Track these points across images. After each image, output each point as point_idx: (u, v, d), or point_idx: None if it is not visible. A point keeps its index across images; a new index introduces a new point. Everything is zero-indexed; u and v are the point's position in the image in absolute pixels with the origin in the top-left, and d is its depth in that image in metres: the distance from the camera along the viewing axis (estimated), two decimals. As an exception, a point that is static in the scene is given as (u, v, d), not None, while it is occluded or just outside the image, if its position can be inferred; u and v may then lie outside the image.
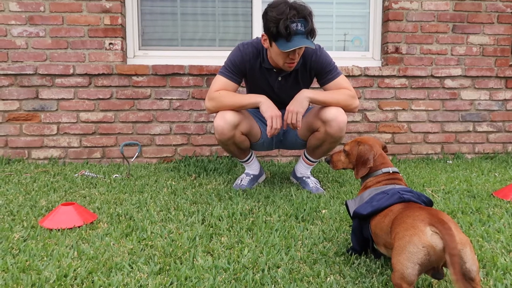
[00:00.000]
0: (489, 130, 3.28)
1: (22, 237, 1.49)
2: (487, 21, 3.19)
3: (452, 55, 3.20)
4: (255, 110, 2.18)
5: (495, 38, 3.22)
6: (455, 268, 0.86)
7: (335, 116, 2.01)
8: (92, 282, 1.15)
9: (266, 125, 2.01)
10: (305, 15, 1.82)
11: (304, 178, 2.29)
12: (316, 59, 2.06)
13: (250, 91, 2.21)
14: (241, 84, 2.17)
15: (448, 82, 3.20)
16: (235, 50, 2.09)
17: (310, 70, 2.09)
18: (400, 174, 1.38)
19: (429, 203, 1.22)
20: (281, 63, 1.96)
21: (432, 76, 3.18)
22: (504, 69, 3.22)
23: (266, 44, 1.96)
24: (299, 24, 1.81)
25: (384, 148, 1.47)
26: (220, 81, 2.08)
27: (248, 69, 2.08)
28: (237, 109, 2.04)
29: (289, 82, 2.12)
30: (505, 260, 1.31)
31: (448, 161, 3.11)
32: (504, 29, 3.21)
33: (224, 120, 2.01)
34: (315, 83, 2.26)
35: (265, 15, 1.89)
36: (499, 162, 3.04)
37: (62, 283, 1.14)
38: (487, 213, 1.79)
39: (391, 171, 1.34)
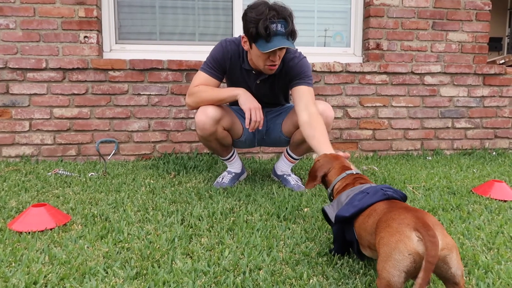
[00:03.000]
0: (467, 127, 3.33)
1: (-11, 241, 1.41)
2: (465, 18, 3.23)
3: (432, 52, 3.22)
4: (238, 108, 2.13)
5: (474, 36, 3.26)
6: (425, 276, 0.84)
7: (323, 110, 2.00)
8: (64, 289, 1.09)
9: None
10: (285, 16, 1.78)
11: (285, 176, 2.26)
12: (294, 65, 2.00)
13: None
14: (222, 81, 2.11)
15: (428, 79, 3.22)
16: (217, 46, 2.03)
17: (286, 75, 2.04)
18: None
19: (404, 198, 1.22)
20: (261, 66, 1.91)
21: (412, 72, 3.19)
22: (482, 66, 3.26)
23: (246, 46, 1.92)
24: (279, 25, 1.77)
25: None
26: (201, 77, 2.02)
27: (229, 67, 2.03)
28: (217, 103, 1.99)
29: (267, 86, 2.08)
30: (486, 258, 1.31)
31: (427, 157, 3.15)
32: (482, 26, 3.25)
33: (206, 115, 1.96)
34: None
35: (244, 16, 1.84)
36: (477, 158, 3.09)
37: (31, 290, 1.07)
38: (467, 210, 1.80)
39: (354, 173, 1.35)
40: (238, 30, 3.12)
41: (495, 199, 1.98)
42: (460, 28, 3.23)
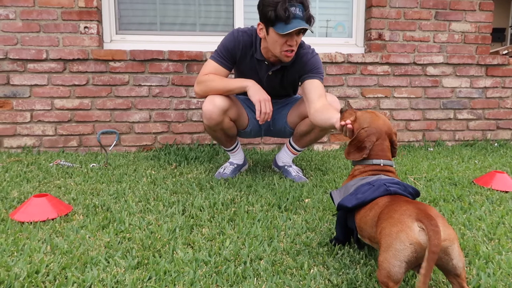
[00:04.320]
0: (469, 118, 3.31)
1: (-9, 231, 1.41)
2: (469, 8, 3.19)
3: (434, 42, 3.19)
4: (245, 98, 2.12)
5: (477, 26, 3.23)
6: (429, 267, 0.83)
7: (331, 102, 1.99)
8: (66, 278, 1.10)
9: (255, 112, 1.96)
10: (302, 1, 1.79)
11: (286, 167, 2.26)
12: (307, 61, 1.99)
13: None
14: (231, 72, 2.10)
15: (430, 70, 3.20)
16: (229, 35, 2.01)
17: (298, 69, 2.03)
18: (394, 167, 1.30)
19: (416, 194, 1.20)
20: (278, 51, 1.88)
21: (415, 63, 3.17)
22: (484, 57, 3.24)
23: (262, 34, 1.89)
24: (297, 9, 1.77)
25: (392, 137, 1.32)
26: (210, 65, 2.01)
27: (239, 57, 2.02)
28: (225, 93, 1.98)
29: (278, 78, 2.06)
30: (487, 248, 1.31)
31: (429, 149, 3.14)
32: (485, 16, 3.22)
33: (213, 105, 1.95)
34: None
35: (261, 2, 1.83)
36: (479, 149, 3.08)
37: (33, 280, 1.08)
38: (468, 201, 1.80)
39: (381, 164, 1.25)
40: (239, 21, 3.10)
41: (497, 190, 1.97)
42: (463, 18, 3.20)
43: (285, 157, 2.29)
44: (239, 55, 2.01)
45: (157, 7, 3.07)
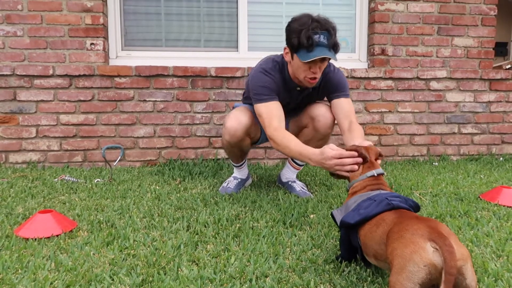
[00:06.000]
0: (474, 132, 3.30)
1: (-4, 247, 1.41)
2: (471, 23, 3.21)
3: (437, 57, 3.21)
4: (252, 108, 2.08)
5: (479, 41, 3.24)
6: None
7: (324, 112, 2.02)
8: (70, 296, 1.09)
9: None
10: (328, 28, 1.77)
11: (290, 183, 2.26)
12: (332, 77, 1.99)
13: None
14: None
15: (434, 84, 3.21)
16: (259, 76, 1.91)
17: (325, 88, 2.03)
18: (383, 177, 1.38)
19: (416, 207, 1.19)
20: (301, 77, 1.86)
21: (418, 78, 3.18)
22: (488, 71, 3.24)
23: (287, 58, 1.89)
24: (321, 36, 1.76)
25: (380, 156, 1.45)
26: (266, 110, 1.87)
27: (278, 87, 1.97)
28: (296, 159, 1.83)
29: (305, 94, 2.06)
30: (495, 265, 1.29)
31: (434, 163, 3.12)
32: (488, 31, 3.24)
33: (239, 122, 1.96)
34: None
35: (288, 27, 1.84)
36: (484, 164, 3.06)
37: (37, 298, 1.07)
38: (475, 217, 1.78)
39: (375, 174, 1.33)
40: (242, 37, 3.13)
41: (504, 206, 1.95)
42: (465, 33, 3.22)
43: (288, 172, 2.29)
44: (277, 86, 1.95)
45: (162, 23, 3.11)
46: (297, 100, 2.07)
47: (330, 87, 2.02)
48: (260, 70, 1.94)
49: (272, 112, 1.87)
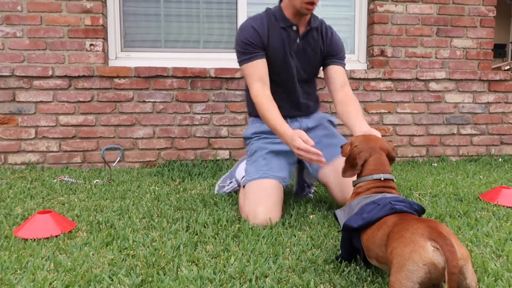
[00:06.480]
0: (473, 133, 3.31)
1: (-5, 248, 1.41)
2: (470, 25, 3.22)
3: (436, 58, 3.22)
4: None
5: (478, 42, 3.25)
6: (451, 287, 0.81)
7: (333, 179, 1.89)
8: (69, 297, 1.08)
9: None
10: None
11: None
12: (331, 38, 1.99)
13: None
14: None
15: (433, 85, 3.21)
16: (246, 29, 1.89)
17: (323, 44, 1.98)
18: (394, 181, 1.33)
19: (421, 211, 1.18)
20: (298, 4, 1.82)
21: (417, 79, 3.19)
22: (487, 73, 3.25)
23: None
24: None
25: (390, 153, 1.37)
26: (249, 71, 1.85)
27: (268, 38, 1.91)
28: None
29: (305, 47, 1.98)
30: (495, 265, 1.29)
31: (433, 164, 3.13)
32: (487, 32, 3.25)
33: (255, 218, 1.73)
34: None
35: None
36: (483, 165, 3.07)
37: (37, 298, 1.07)
38: (475, 217, 1.78)
39: (382, 178, 1.28)
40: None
41: (503, 206, 1.96)
42: (464, 34, 3.23)
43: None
44: (267, 37, 1.90)
45: (162, 24, 3.11)
46: (297, 50, 1.95)
47: (332, 46, 1.98)
48: (246, 24, 1.92)
49: (256, 72, 1.86)
